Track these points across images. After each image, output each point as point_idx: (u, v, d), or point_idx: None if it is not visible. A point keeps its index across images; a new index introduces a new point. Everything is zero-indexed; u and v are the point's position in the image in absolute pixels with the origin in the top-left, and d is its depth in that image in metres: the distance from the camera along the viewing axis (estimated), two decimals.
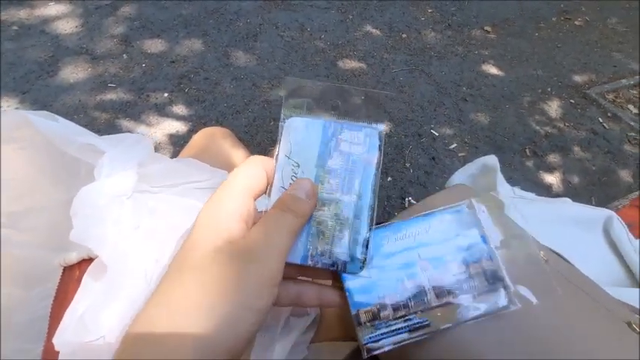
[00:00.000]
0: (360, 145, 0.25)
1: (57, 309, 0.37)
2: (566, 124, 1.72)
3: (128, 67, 1.68)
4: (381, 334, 0.23)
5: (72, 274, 0.37)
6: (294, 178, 0.25)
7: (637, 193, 0.78)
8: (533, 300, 0.23)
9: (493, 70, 1.93)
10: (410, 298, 0.24)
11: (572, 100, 1.83)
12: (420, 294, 0.24)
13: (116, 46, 1.77)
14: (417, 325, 0.23)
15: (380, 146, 0.26)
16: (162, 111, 1.54)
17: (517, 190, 0.57)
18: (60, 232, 0.40)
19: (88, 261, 0.37)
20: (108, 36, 1.81)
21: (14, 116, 0.32)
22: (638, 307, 0.38)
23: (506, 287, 0.24)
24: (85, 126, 0.39)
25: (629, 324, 0.27)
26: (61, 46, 1.72)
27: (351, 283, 0.24)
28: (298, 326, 0.34)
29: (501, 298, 0.23)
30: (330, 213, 0.24)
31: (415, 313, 0.24)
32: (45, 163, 0.39)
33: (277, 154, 0.26)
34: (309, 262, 0.24)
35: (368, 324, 0.23)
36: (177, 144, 1.44)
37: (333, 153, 0.25)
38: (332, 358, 0.33)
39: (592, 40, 2.21)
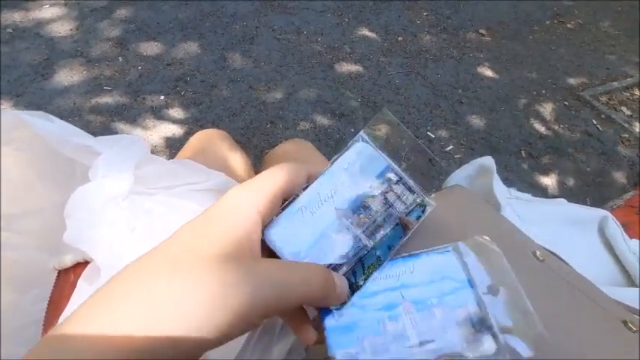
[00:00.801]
0: (405, 205, 0.26)
1: (52, 312, 0.37)
2: (561, 125, 1.74)
3: (124, 70, 1.68)
4: None
5: (67, 278, 0.37)
6: (331, 193, 0.25)
7: (631, 193, 0.79)
8: (524, 354, 0.21)
9: (488, 72, 1.95)
10: (391, 342, 0.22)
11: (566, 102, 1.85)
12: (401, 338, 0.22)
13: (112, 49, 1.76)
14: None
15: (420, 218, 0.26)
16: (158, 114, 1.54)
17: (513, 191, 0.58)
18: (55, 235, 0.39)
19: (83, 264, 0.37)
20: (103, 39, 1.80)
21: (11, 117, 0.32)
22: (633, 306, 0.38)
23: (494, 336, 0.22)
24: (81, 129, 0.39)
25: (625, 322, 0.27)
26: (55, 49, 1.72)
27: (329, 322, 0.23)
28: None
29: (489, 347, 0.22)
30: None
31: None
32: (41, 165, 0.39)
33: (333, 162, 0.26)
34: None
35: None
36: (173, 147, 1.44)
37: (379, 195, 0.26)
38: None
39: (585, 42, 2.23)
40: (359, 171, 0.26)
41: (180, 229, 0.21)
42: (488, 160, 0.55)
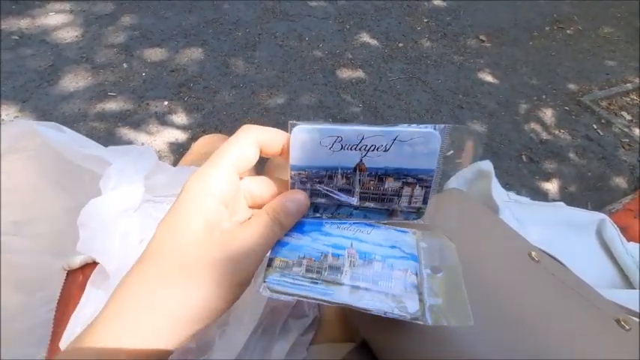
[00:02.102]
0: (407, 206, 0.27)
1: (61, 313, 0.37)
2: (561, 130, 1.74)
3: (128, 76, 1.70)
4: (284, 282, 0.24)
5: (75, 279, 0.38)
6: (371, 146, 0.25)
7: (630, 197, 0.79)
8: (444, 322, 0.23)
9: (489, 78, 1.96)
10: (325, 269, 0.24)
11: (566, 107, 1.86)
12: (336, 270, 0.24)
13: (116, 56, 1.78)
14: (321, 291, 0.23)
15: (406, 220, 0.27)
16: (162, 119, 1.55)
17: (512, 194, 0.58)
18: (63, 239, 0.40)
19: (91, 265, 0.38)
20: (108, 45, 1.83)
21: (20, 127, 0.33)
22: (630, 307, 0.39)
23: (421, 300, 0.24)
24: (85, 135, 0.40)
25: (618, 321, 0.28)
26: (61, 56, 1.74)
27: (285, 237, 0.26)
28: (297, 327, 0.34)
29: (413, 306, 0.23)
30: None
31: (325, 282, 0.24)
32: (50, 172, 0.40)
33: (404, 125, 0.26)
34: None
35: (277, 269, 0.24)
36: (177, 152, 1.45)
37: (400, 182, 0.27)
38: (331, 359, 0.34)
39: (585, 48, 2.25)
40: (411, 152, 0.25)
41: (159, 229, 0.22)
42: (486, 164, 0.56)
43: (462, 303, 0.23)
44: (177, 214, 0.22)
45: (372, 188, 0.26)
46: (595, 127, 1.77)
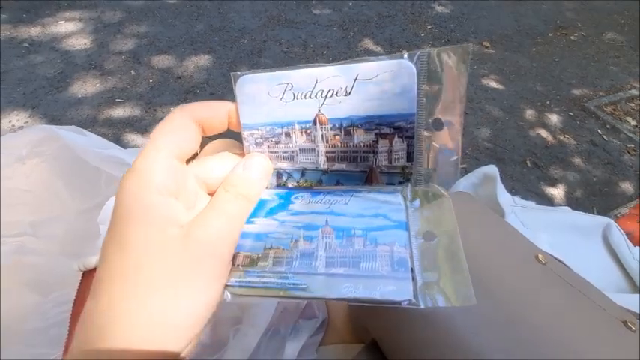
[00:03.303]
0: (388, 163, 0.22)
1: (76, 314, 0.38)
2: (566, 136, 1.74)
3: (135, 83, 1.73)
4: (248, 282, 0.20)
5: (90, 279, 0.39)
6: (339, 88, 0.21)
7: (635, 202, 0.79)
8: (440, 302, 0.18)
9: (493, 83, 1.97)
10: (296, 258, 0.20)
11: (570, 113, 1.86)
12: (308, 257, 0.20)
13: (124, 63, 1.81)
14: (292, 286, 0.20)
15: (393, 187, 0.22)
16: None
17: (517, 199, 0.59)
18: (78, 240, 0.41)
19: None
20: (116, 53, 1.86)
21: (41, 131, 0.34)
22: (637, 312, 0.39)
23: (412, 279, 0.19)
24: None
25: (625, 322, 0.28)
26: (70, 63, 1.77)
27: (246, 226, 0.21)
28: (307, 328, 0.35)
29: (404, 288, 0.19)
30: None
31: (295, 274, 0.20)
32: (66, 174, 0.41)
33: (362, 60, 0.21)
34: None
35: (241, 267, 0.20)
36: None
37: (372, 132, 0.22)
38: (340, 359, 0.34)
39: (589, 54, 2.25)
40: (379, 92, 0.20)
41: (104, 249, 0.19)
42: (491, 169, 0.56)
43: (462, 277, 0.19)
44: (118, 224, 0.19)
45: (339, 145, 0.22)
46: (600, 132, 1.77)
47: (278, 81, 0.21)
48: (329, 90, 0.21)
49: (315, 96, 0.21)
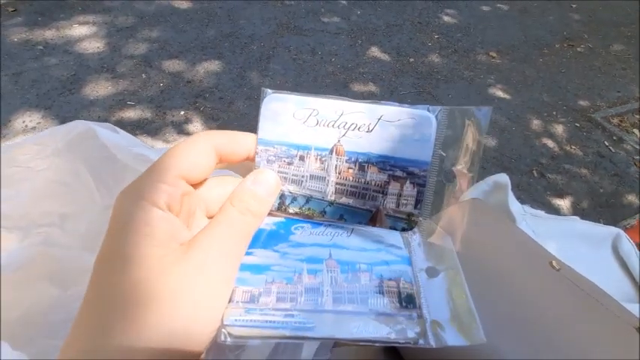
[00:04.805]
0: (395, 207, 0.22)
1: None
2: (573, 146, 1.75)
3: (146, 86, 1.75)
4: (250, 321, 0.18)
5: None
6: (361, 123, 0.21)
7: None
8: (450, 342, 0.18)
9: (499, 93, 1.98)
10: (301, 293, 0.19)
11: (577, 124, 1.86)
12: (314, 292, 0.19)
13: (135, 66, 1.84)
14: (298, 326, 0.18)
15: (395, 231, 0.22)
16: (178, 128, 1.59)
17: (527, 208, 0.59)
18: (99, 236, 0.42)
19: None
20: (128, 56, 1.89)
21: (78, 127, 0.35)
22: None
23: (420, 317, 0.19)
24: None
25: (638, 329, 0.29)
26: (83, 65, 1.81)
27: (245, 257, 0.20)
28: None
29: (412, 327, 0.18)
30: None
31: (302, 312, 0.19)
32: (98, 170, 0.42)
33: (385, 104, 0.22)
34: None
35: (240, 304, 0.19)
36: None
37: (386, 174, 0.22)
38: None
39: (595, 66, 2.26)
40: (399, 136, 0.21)
41: (98, 266, 0.18)
42: (502, 177, 0.57)
43: (469, 315, 0.19)
44: (117, 238, 0.18)
45: (350, 179, 0.22)
46: (607, 143, 1.77)
47: (305, 105, 0.21)
48: (352, 124, 0.21)
49: (338, 127, 0.21)
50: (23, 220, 0.35)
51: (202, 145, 0.20)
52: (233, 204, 0.20)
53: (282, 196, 0.22)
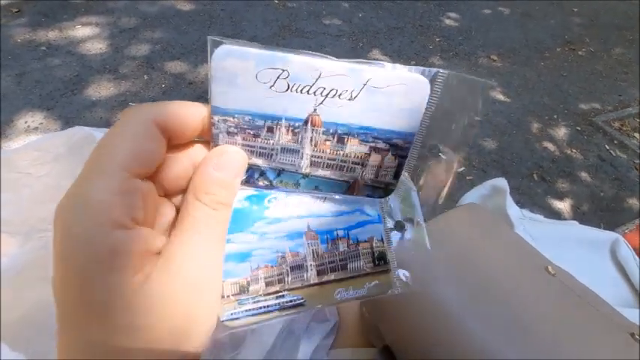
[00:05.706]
0: (374, 176, 0.21)
1: None
2: (573, 150, 1.75)
3: (148, 87, 1.76)
4: (245, 311, 0.19)
5: None
6: (336, 88, 0.18)
7: None
8: (410, 283, 0.21)
9: (500, 96, 1.98)
10: (287, 273, 0.20)
11: (578, 127, 1.86)
12: (299, 269, 0.20)
13: (138, 68, 1.85)
14: (290, 304, 0.20)
15: (369, 197, 0.21)
16: None
17: (526, 212, 0.60)
18: None
19: None
20: (130, 58, 1.90)
21: (79, 132, 0.36)
22: None
23: (389, 270, 0.21)
24: None
25: (632, 335, 0.29)
26: (85, 66, 1.82)
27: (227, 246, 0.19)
28: (319, 330, 0.36)
29: (382, 282, 0.21)
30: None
31: (290, 290, 0.20)
32: None
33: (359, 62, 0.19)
34: None
35: (232, 297, 0.19)
36: None
37: (364, 142, 0.20)
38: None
39: (597, 69, 2.26)
40: (386, 105, 0.18)
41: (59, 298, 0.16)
42: (501, 182, 0.57)
43: (426, 261, 0.22)
44: (71, 268, 0.15)
45: (327, 152, 0.19)
46: (607, 147, 1.77)
47: (272, 64, 0.17)
48: (332, 89, 0.17)
49: (314, 93, 0.17)
50: (24, 225, 0.35)
51: (142, 126, 0.16)
52: (200, 199, 0.17)
53: (249, 170, 0.19)
